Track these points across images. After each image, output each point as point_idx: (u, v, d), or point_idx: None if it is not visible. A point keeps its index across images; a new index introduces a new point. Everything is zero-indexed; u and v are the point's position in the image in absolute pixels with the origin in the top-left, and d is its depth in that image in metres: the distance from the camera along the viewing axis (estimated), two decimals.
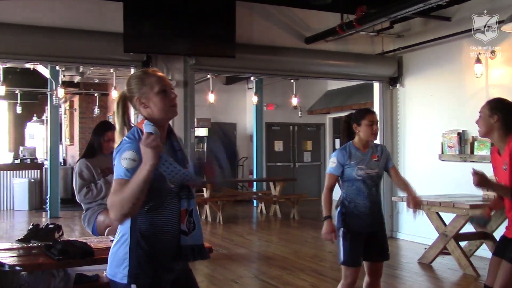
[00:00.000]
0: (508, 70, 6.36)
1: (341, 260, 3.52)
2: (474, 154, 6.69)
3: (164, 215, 2.15)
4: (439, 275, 5.95)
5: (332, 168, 3.54)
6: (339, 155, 3.53)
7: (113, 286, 2.18)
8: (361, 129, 3.50)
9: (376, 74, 8.04)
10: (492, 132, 3.16)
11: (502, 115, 3.11)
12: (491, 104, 3.21)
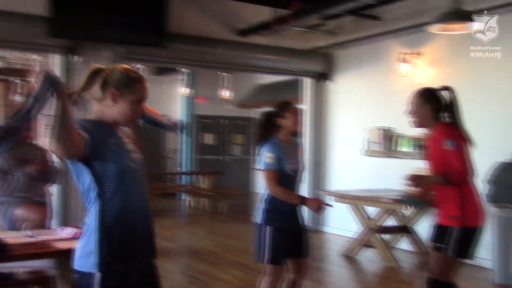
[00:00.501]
0: (431, 70, 6.63)
1: (267, 258, 3.42)
2: (398, 150, 6.94)
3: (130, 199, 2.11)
4: (363, 267, 6.13)
5: (271, 164, 3.38)
6: (274, 149, 3.42)
7: (79, 278, 2.09)
8: (287, 121, 3.46)
9: (308, 69, 8.14)
10: (424, 121, 3.31)
11: (432, 105, 3.26)
12: (421, 94, 3.34)
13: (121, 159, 2.09)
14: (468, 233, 3.11)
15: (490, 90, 5.96)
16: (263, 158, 3.42)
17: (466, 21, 4.57)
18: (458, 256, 3.14)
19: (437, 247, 3.16)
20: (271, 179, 3.39)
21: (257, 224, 3.48)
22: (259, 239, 3.46)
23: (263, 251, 3.44)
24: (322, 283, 5.29)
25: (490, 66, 5.94)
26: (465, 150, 3.17)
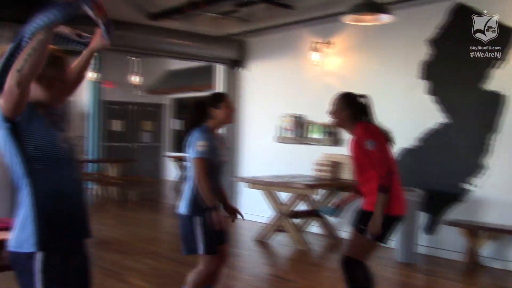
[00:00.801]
0: (341, 59, 6.86)
1: (202, 249, 3.37)
2: (309, 137, 7.13)
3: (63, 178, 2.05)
4: (275, 251, 6.25)
5: (204, 152, 3.31)
6: (207, 137, 3.36)
7: (16, 260, 2.00)
8: (220, 111, 3.42)
9: (221, 56, 8.11)
10: (344, 123, 3.46)
11: (352, 110, 3.42)
12: (343, 98, 3.49)
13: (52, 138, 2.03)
14: (389, 220, 3.27)
15: (396, 79, 6.27)
16: (196, 146, 3.34)
17: (378, 13, 4.77)
18: (376, 240, 3.29)
19: (359, 228, 3.30)
20: (201, 169, 3.31)
21: (185, 216, 3.39)
22: (189, 231, 3.38)
23: (196, 242, 3.36)
24: (236, 268, 5.33)
25: (396, 57, 6.26)
26: (385, 148, 3.32)
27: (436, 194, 5.78)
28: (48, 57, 1.99)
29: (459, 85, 5.69)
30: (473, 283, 5.06)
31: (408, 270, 5.32)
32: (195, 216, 3.36)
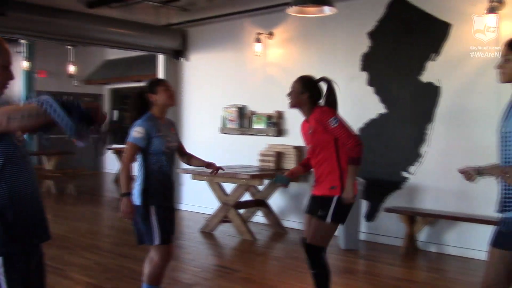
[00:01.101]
0: (283, 50, 6.91)
1: (158, 239, 3.34)
2: (252, 128, 7.16)
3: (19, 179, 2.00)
4: (221, 242, 6.27)
5: (138, 139, 3.31)
6: (147, 125, 3.34)
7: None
8: (159, 96, 3.42)
9: (161, 46, 7.97)
10: (301, 105, 3.52)
11: (310, 93, 3.50)
12: (302, 81, 3.56)
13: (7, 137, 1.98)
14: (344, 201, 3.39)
15: (338, 70, 6.39)
16: (132, 132, 3.33)
17: (321, 5, 4.83)
18: (336, 222, 3.41)
19: (319, 215, 3.38)
20: (129, 152, 3.32)
21: (137, 206, 3.34)
22: (143, 221, 3.34)
23: (152, 232, 3.33)
24: (182, 260, 5.30)
25: (338, 49, 6.38)
26: (346, 123, 3.42)
27: (376, 183, 5.98)
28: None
29: (396, 77, 5.88)
30: (412, 267, 5.29)
31: (351, 257, 5.48)
32: (148, 206, 3.34)
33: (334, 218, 3.38)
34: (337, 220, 3.42)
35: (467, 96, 5.29)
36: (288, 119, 6.88)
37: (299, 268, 5.04)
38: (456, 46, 5.39)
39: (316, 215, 3.41)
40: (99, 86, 13.07)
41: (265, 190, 6.69)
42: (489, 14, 4.98)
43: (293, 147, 6.62)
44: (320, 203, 3.42)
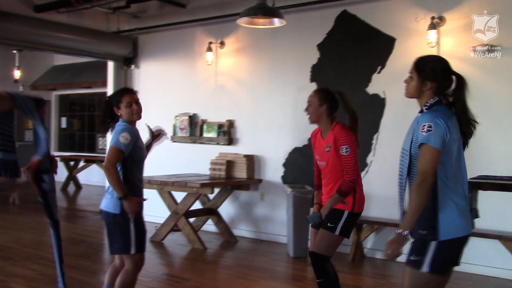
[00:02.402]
0: (234, 60, 6.97)
1: (134, 248, 3.30)
2: (203, 136, 7.17)
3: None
4: (171, 251, 6.22)
5: (124, 145, 3.25)
6: (132, 133, 3.31)
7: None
8: (122, 111, 3.37)
9: (111, 52, 7.87)
10: (321, 119, 3.53)
11: (329, 105, 3.50)
12: (320, 94, 3.55)
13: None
14: (354, 217, 3.50)
15: (288, 81, 6.51)
16: (118, 136, 3.26)
17: (270, 17, 4.92)
18: (343, 235, 3.50)
19: (328, 226, 3.45)
20: (114, 158, 3.24)
21: (115, 215, 3.29)
22: (121, 230, 3.29)
23: (128, 241, 3.29)
24: None
25: (288, 60, 6.49)
26: (356, 155, 3.46)
27: None
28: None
29: (344, 88, 5.98)
30: (359, 273, 5.42)
31: (300, 264, 5.57)
32: (127, 214, 3.28)
33: (342, 232, 3.47)
34: (344, 234, 3.50)
35: (409, 107, 5.46)
36: (239, 128, 6.93)
37: (249, 276, 5.09)
38: (399, 60, 5.60)
39: (325, 226, 3.48)
40: (46, 92, 12.72)
41: (216, 198, 6.71)
42: (430, 30, 5.21)
43: (244, 156, 6.67)
44: (331, 215, 3.48)
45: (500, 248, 4.91)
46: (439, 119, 2.39)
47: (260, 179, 6.71)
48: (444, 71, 2.51)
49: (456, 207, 2.43)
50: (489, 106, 4.97)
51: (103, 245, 6.59)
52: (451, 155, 2.43)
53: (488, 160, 4.99)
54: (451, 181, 2.44)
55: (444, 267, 2.46)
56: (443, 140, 2.38)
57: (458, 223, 2.42)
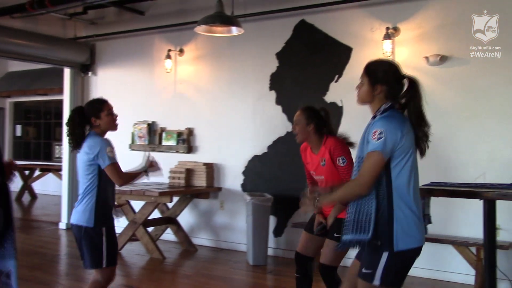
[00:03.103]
0: (193, 68, 6.95)
1: (105, 262, 3.25)
2: (162, 144, 7.10)
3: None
4: (128, 261, 6.12)
5: (115, 157, 3.32)
6: (110, 143, 3.34)
7: None
8: (102, 121, 3.36)
9: (67, 59, 7.72)
10: (309, 138, 3.59)
11: (316, 123, 3.56)
12: (306, 113, 3.59)
13: None
14: None
15: (248, 89, 6.53)
16: (106, 153, 3.24)
17: (228, 25, 4.93)
18: None
19: (335, 237, 3.42)
20: (119, 172, 3.31)
21: (87, 228, 3.24)
22: (92, 243, 3.24)
23: (100, 255, 3.23)
24: (86, 282, 5.12)
25: (247, 68, 6.51)
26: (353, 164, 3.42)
27: (284, 198, 6.14)
28: None
29: (303, 96, 6.09)
30: (318, 280, 5.42)
31: (259, 272, 5.57)
32: (100, 227, 3.24)
33: None
34: None
35: (366, 115, 5.58)
36: (198, 136, 6.90)
37: (208, 285, 5.05)
38: (356, 69, 5.69)
39: (331, 236, 3.49)
40: (0, 99, 12.38)
41: (175, 207, 6.64)
42: (385, 40, 5.33)
43: (203, 164, 6.64)
44: (336, 225, 3.46)
45: (453, 252, 5.05)
46: (392, 125, 2.35)
47: (219, 187, 6.69)
48: (395, 74, 2.48)
49: (411, 216, 2.37)
50: (442, 114, 5.11)
51: (58, 256, 6.43)
52: (404, 163, 2.37)
53: (442, 167, 5.12)
54: (406, 190, 2.38)
55: (395, 280, 2.41)
56: (394, 147, 2.34)
57: (413, 233, 2.37)
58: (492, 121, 5.05)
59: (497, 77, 5.02)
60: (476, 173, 4.98)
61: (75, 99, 7.92)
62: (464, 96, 5.19)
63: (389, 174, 2.39)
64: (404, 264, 2.42)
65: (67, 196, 7.94)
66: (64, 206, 7.99)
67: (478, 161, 5.08)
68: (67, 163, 7.95)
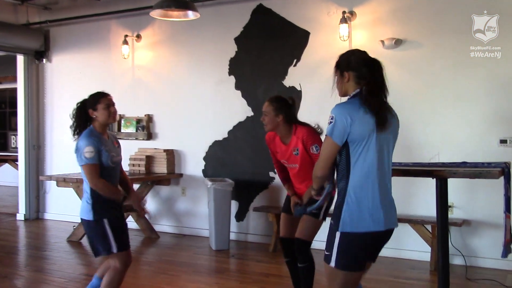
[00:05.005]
0: (151, 53, 6.86)
1: (115, 247, 3.32)
2: (121, 131, 7.01)
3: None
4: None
5: (91, 158, 3.26)
6: (92, 141, 3.29)
7: None
8: (99, 113, 3.38)
9: (20, 46, 7.50)
10: (278, 128, 3.63)
11: (285, 114, 3.60)
12: (274, 105, 3.62)
13: None
14: (332, 199, 3.54)
15: (207, 74, 6.50)
16: (82, 153, 3.26)
17: (184, 9, 4.88)
18: (324, 219, 3.66)
19: (313, 213, 3.54)
20: (92, 174, 3.28)
21: (90, 221, 3.34)
22: (98, 235, 3.33)
23: (109, 243, 3.31)
24: (46, 272, 5.06)
25: (206, 53, 6.47)
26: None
27: (245, 183, 6.18)
28: None
29: (262, 81, 6.11)
30: (280, 262, 5.51)
31: (222, 256, 5.60)
32: (101, 219, 3.31)
33: (325, 216, 3.63)
34: (325, 217, 3.66)
35: (324, 100, 5.65)
36: (157, 122, 6.85)
37: (170, 271, 5.06)
38: (314, 53, 5.75)
39: (309, 213, 3.53)
40: None
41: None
42: (342, 24, 5.39)
43: (164, 151, 6.59)
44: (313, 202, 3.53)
45: (410, 231, 5.20)
46: (342, 110, 2.39)
47: (180, 173, 6.67)
48: (358, 59, 2.52)
49: (365, 202, 2.40)
50: (397, 97, 5.20)
51: (16, 248, 6.31)
52: (362, 149, 2.40)
53: (397, 148, 5.22)
54: (363, 175, 2.41)
55: (348, 263, 2.44)
56: (344, 132, 2.37)
57: (363, 218, 2.40)
58: (444, 104, 5.19)
59: (446, 61, 5.14)
60: (430, 154, 5.13)
61: (29, 87, 7.72)
62: (418, 79, 5.31)
63: (348, 159, 2.43)
64: (355, 247, 2.44)
65: (24, 187, 7.77)
66: (21, 197, 7.82)
67: (432, 142, 5.23)
68: (23, 153, 7.76)
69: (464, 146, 4.95)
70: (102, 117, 3.39)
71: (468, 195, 5.03)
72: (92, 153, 3.26)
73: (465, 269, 4.82)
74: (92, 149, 3.27)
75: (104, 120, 3.40)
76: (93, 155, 3.26)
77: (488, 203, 4.91)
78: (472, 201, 5.05)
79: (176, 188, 6.73)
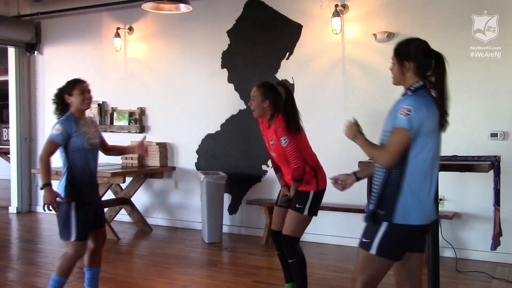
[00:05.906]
0: (144, 46, 6.83)
1: (74, 235, 3.39)
2: (114, 124, 6.99)
3: None
4: None
5: (56, 136, 3.40)
6: (65, 124, 3.43)
7: None
8: (74, 98, 3.51)
9: (11, 38, 7.44)
10: (265, 113, 3.65)
11: (272, 99, 3.62)
12: (262, 89, 3.65)
13: None
14: (319, 195, 3.64)
15: (199, 67, 6.48)
16: (52, 129, 3.42)
17: (176, 2, 4.87)
18: (311, 214, 3.64)
19: (297, 208, 3.58)
20: (47, 149, 3.40)
21: (59, 202, 3.38)
22: (63, 217, 3.42)
23: (70, 228, 3.39)
24: (38, 265, 5.06)
25: (199, 46, 6.46)
26: (295, 143, 3.53)
27: (238, 176, 6.19)
28: None
29: (254, 74, 6.10)
30: (272, 255, 5.54)
31: (214, 249, 5.62)
32: (70, 201, 3.39)
33: (310, 211, 3.61)
34: (312, 213, 3.64)
35: (317, 92, 5.68)
36: (150, 115, 6.83)
37: (163, 264, 5.07)
38: (307, 46, 5.75)
39: (293, 207, 3.59)
40: None
41: (128, 188, 6.59)
42: (334, 17, 5.39)
43: (157, 144, 6.59)
44: (298, 196, 3.60)
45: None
46: (421, 104, 2.36)
47: (173, 166, 6.67)
48: (419, 48, 2.48)
49: (418, 197, 2.40)
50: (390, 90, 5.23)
51: (9, 240, 6.30)
52: (425, 144, 2.39)
53: None
54: (420, 171, 2.40)
55: (390, 252, 2.47)
56: (420, 126, 2.35)
57: (416, 211, 2.40)
58: None
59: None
60: None
61: (21, 79, 7.67)
62: None
63: (408, 153, 2.40)
64: (401, 238, 2.45)
65: (16, 180, 7.75)
66: (13, 190, 7.80)
67: None
68: (15, 146, 7.73)
69: (455, 140, 4.97)
70: (76, 102, 3.52)
71: (459, 188, 5.07)
72: (58, 132, 3.40)
73: (455, 261, 4.87)
74: (61, 130, 3.41)
75: (78, 106, 3.52)
76: (58, 134, 3.40)
77: (478, 196, 4.95)
78: (462, 194, 5.09)
79: (169, 181, 6.73)
